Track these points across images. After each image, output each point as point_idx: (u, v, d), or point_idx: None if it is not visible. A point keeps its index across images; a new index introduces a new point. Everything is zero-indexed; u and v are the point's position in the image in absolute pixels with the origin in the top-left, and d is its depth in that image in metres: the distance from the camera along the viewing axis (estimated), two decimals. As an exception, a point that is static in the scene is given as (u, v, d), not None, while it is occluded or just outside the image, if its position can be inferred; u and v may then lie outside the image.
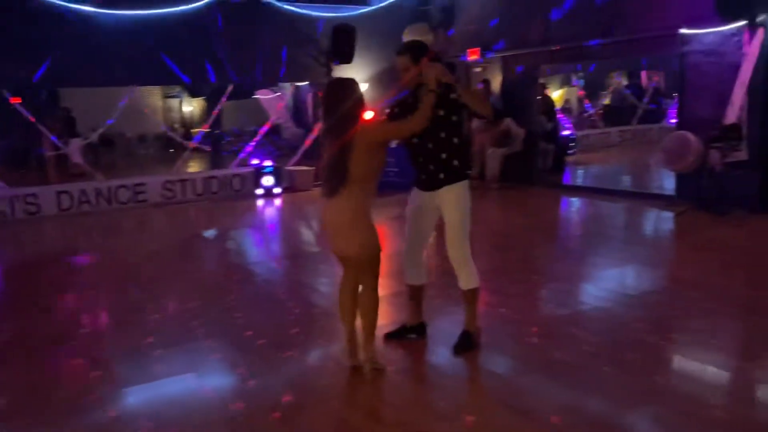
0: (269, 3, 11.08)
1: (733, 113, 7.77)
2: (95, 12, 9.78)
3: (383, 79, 12.04)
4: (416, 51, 3.93)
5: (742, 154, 7.78)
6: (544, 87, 12.26)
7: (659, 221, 8.18)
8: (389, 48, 12.09)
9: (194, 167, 14.75)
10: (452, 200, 3.96)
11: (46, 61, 9.54)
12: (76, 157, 12.78)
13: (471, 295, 4.14)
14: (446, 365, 4.01)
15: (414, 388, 3.76)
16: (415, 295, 4.33)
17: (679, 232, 7.59)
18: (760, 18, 7.56)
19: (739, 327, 4.66)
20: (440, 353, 4.17)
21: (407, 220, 4.17)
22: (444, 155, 3.92)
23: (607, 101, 18.76)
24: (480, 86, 11.65)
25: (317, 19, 11.50)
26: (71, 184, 10.46)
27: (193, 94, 23.58)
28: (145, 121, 19.66)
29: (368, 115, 4.07)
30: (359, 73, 12.00)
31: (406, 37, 11.94)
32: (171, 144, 21.62)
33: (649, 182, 11.55)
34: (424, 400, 3.62)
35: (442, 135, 3.90)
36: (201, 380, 3.91)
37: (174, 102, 24.27)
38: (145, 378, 3.96)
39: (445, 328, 4.47)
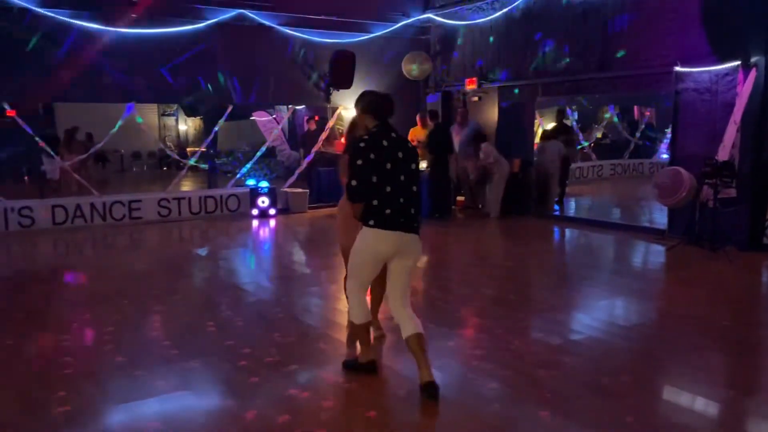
0: (271, 27, 11.23)
1: (725, 151, 7.90)
2: (97, 29, 9.88)
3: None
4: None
5: (732, 192, 7.89)
6: (563, 113, 12.31)
7: (652, 255, 8.26)
8: (388, 75, 12.35)
9: (189, 186, 14.78)
10: None
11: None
12: (54, 174, 12.90)
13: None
14: (443, 389, 4.00)
15: (408, 413, 3.76)
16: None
17: (671, 266, 7.66)
18: (754, 59, 7.74)
19: (730, 361, 4.70)
20: (439, 379, 4.16)
21: None
22: None
23: (599, 134, 19.01)
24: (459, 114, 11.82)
25: (318, 44, 11.65)
26: (66, 199, 10.45)
27: (189, 113, 23.70)
28: (140, 138, 19.71)
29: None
30: (357, 98, 12.13)
31: (406, 65, 12.18)
32: (165, 162, 21.71)
33: (641, 215, 11.68)
34: (420, 425, 3.63)
35: None
36: (195, 398, 3.90)
37: (170, 120, 24.37)
38: (139, 394, 3.94)
39: (443, 353, 4.50)
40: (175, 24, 10.41)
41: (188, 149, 21.53)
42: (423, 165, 11.21)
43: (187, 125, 24.80)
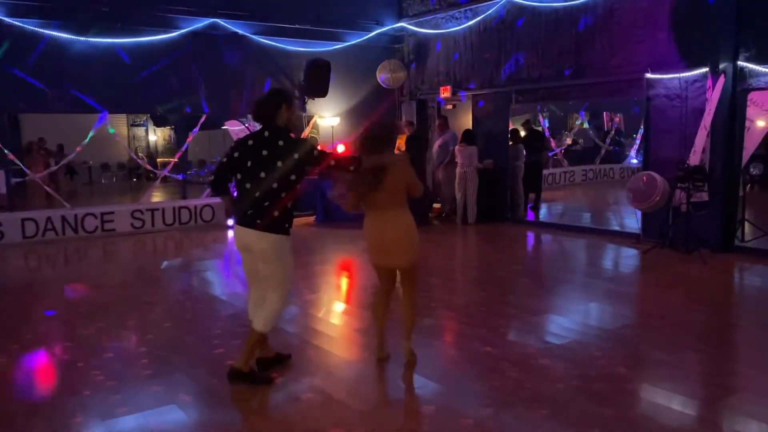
0: (245, 36, 11.18)
1: (695, 156, 8.08)
2: (69, 38, 9.73)
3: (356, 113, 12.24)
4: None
5: (704, 195, 8.07)
6: (529, 122, 12.56)
7: (628, 258, 8.38)
8: (363, 83, 12.37)
9: (162, 197, 14.56)
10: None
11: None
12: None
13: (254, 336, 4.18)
14: (431, 396, 4.01)
15: (397, 417, 3.75)
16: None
17: (647, 268, 7.78)
18: (722, 65, 7.95)
19: (708, 359, 4.79)
20: (426, 385, 4.18)
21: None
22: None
23: (570, 141, 19.25)
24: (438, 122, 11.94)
25: (293, 53, 11.62)
26: (37, 212, 10.23)
27: (158, 123, 23.41)
28: (108, 149, 19.38)
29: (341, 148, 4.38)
30: (333, 107, 12.15)
31: (380, 73, 12.21)
32: (135, 173, 21.39)
33: (614, 220, 11.85)
34: (407, 428, 3.63)
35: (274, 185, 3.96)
36: (183, 411, 3.84)
37: (140, 131, 24.06)
38: (126, 409, 3.86)
39: (428, 360, 4.50)
40: (148, 33, 10.29)
41: (159, 160, 21.25)
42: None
43: (156, 135, 24.50)
